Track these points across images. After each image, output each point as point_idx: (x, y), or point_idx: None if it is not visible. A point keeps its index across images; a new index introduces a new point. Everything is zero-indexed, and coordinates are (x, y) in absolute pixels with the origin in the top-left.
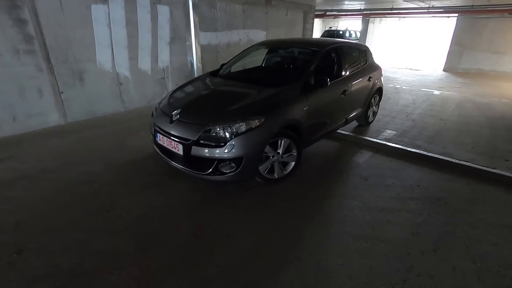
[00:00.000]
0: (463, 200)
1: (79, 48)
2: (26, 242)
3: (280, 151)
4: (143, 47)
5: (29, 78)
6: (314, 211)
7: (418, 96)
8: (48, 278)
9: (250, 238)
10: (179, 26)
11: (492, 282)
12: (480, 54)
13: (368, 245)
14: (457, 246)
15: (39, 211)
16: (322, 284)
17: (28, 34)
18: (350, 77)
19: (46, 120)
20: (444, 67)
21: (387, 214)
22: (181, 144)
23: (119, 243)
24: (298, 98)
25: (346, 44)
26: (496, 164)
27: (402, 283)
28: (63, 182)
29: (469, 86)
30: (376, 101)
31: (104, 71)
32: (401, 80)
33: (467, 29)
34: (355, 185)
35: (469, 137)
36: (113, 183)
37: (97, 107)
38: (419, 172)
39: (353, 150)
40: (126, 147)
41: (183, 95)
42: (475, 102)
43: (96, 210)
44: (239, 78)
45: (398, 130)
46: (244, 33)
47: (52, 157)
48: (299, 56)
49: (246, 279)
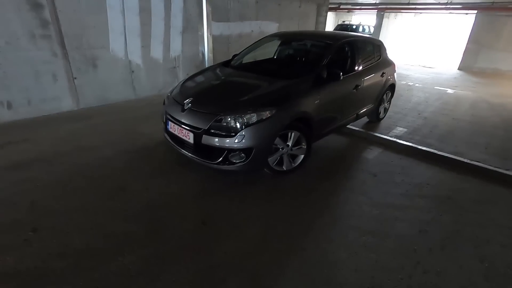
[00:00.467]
0: (473, 200)
1: (93, 35)
2: (41, 221)
3: (289, 144)
4: (156, 36)
5: (44, 63)
6: (321, 205)
7: (431, 94)
8: (62, 256)
9: (257, 227)
10: (192, 16)
11: (499, 283)
12: (498, 54)
13: (375, 240)
14: (465, 245)
15: (53, 192)
16: (327, 275)
17: (44, 19)
18: (363, 72)
19: (59, 105)
20: (459, 65)
21: (395, 210)
22: (192, 133)
23: (130, 226)
24: (310, 91)
25: (360, 38)
26: (509, 165)
27: (408, 278)
28: (76, 165)
29: (485, 86)
30: (388, 97)
31: (116, 58)
32: (414, 77)
33: (486, 27)
34: (363, 181)
35: (482, 137)
36: (124, 169)
37: (109, 94)
38: (429, 171)
39: (363, 146)
40: (137, 134)
41: (195, 84)
42: (490, 103)
43: (108, 194)
44: (251, 69)
45: (409, 127)
46: (256, 25)
47: (65, 141)
48: (312, 49)
49: (253, 267)
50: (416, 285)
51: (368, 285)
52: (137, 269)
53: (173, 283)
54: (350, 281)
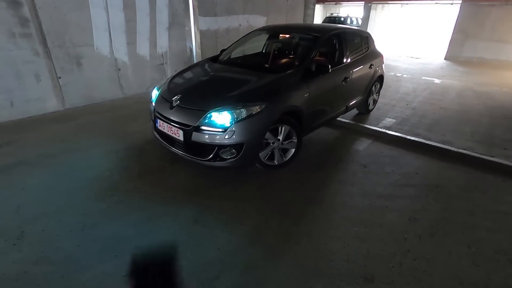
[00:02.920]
0: (460, 187)
1: (76, 32)
2: (29, 225)
3: (280, 138)
4: (142, 32)
5: (25, 62)
6: (313, 197)
7: (418, 85)
8: (53, 258)
9: (250, 222)
10: (178, 11)
11: (486, 266)
12: (483, 43)
13: (366, 230)
14: (453, 231)
15: (40, 195)
16: (321, 267)
17: (24, 16)
18: (351, 64)
19: (44, 106)
20: (446, 55)
21: (386, 200)
22: (181, 130)
23: (120, 227)
24: (299, 85)
25: (348, 30)
26: (494, 152)
27: (399, 266)
28: (63, 167)
29: (470, 75)
30: (377, 89)
31: (102, 56)
32: (402, 68)
33: (470, 17)
34: (354, 172)
35: (468, 125)
36: (113, 169)
37: (95, 93)
38: (418, 160)
39: (353, 138)
40: (125, 133)
41: (183, 81)
42: (476, 91)
43: (97, 195)
44: (239, 64)
45: (398, 118)
46: (244, 19)
47: (51, 142)
48: (300, 42)
49: (247, 262)
50: (407, 272)
51: (360, 275)
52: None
53: None
54: (342, 272)
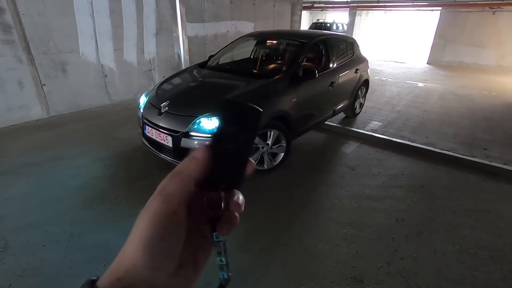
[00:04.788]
0: (444, 187)
1: (61, 39)
2: (13, 237)
3: (269, 142)
4: (129, 38)
5: (8, 69)
6: (303, 200)
7: (403, 88)
8: (38, 270)
9: (240, 227)
10: (165, 17)
11: (469, 262)
12: (462, 48)
13: (355, 231)
14: (438, 230)
15: (24, 205)
16: (311, 269)
17: (6, 23)
18: (337, 69)
19: (28, 114)
20: (428, 60)
21: (373, 201)
22: (170, 136)
23: (109, 235)
24: (287, 90)
25: (333, 36)
26: (475, 153)
27: (387, 266)
28: (49, 175)
29: (452, 78)
30: (363, 93)
31: (88, 62)
32: (386, 72)
33: (450, 23)
34: (342, 175)
35: (450, 127)
36: (101, 176)
37: (81, 99)
38: (403, 162)
39: (341, 141)
40: (113, 140)
41: (172, 87)
42: (457, 94)
43: (84, 204)
44: (228, 69)
45: (383, 121)
46: (232, 25)
47: (37, 151)
48: (288, 48)
49: (238, 266)
50: (395, 271)
51: (349, 276)
52: None
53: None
54: (332, 273)
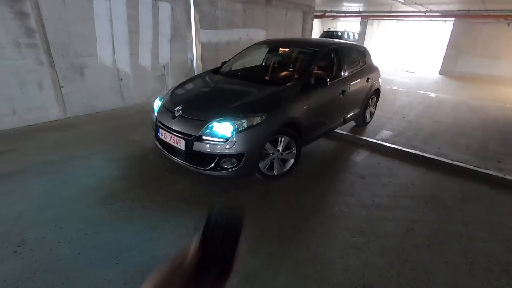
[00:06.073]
0: (456, 198)
1: (80, 43)
2: (30, 232)
3: (280, 148)
4: (144, 44)
5: (29, 71)
6: (312, 207)
7: (414, 98)
8: (54, 266)
9: (250, 231)
10: (180, 24)
11: (482, 276)
12: (475, 59)
13: (364, 240)
14: (449, 242)
15: (41, 202)
16: (319, 276)
17: (30, 27)
18: (349, 77)
19: (46, 114)
20: (440, 70)
21: (383, 211)
22: (183, 140)
23: (121, 234)
24: (299, 97)
25: (345, 45)
26: (488, 165)
27: (397, 276)
28: (64, 174)
29: (464, 89)
30: (374, 102)
31: (104, 66)
32: (397, 82)
33: (463, 34)
34: (352, 183)
35: (463, 138)
36: (114, 177)
37: (97, 102)
38: (414, 172)
39: (351, 149)
40: (126, 142)
41: (186, 92)
42: (470, 105)
43: (98, 202)
44: (240, 76)
45: (394, 130)
46: (244, 32)
47: (53, 150)
48: (300, 56)
49: (247, 270)
50: (405, 282)
51: (358, 284)
52: (130, 278)
53: None
54: (341, 281)
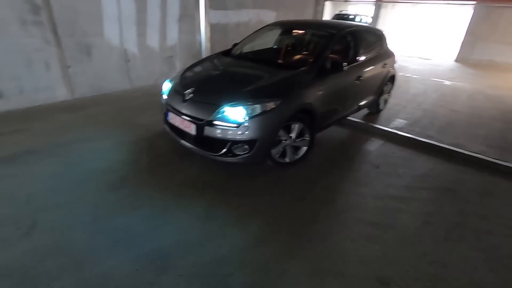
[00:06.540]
0: (474, 191)
1: (86, 22)
2: (40, 215)
3: (293, 135)
4: (152, 24)
5: (36, 50)
6: (325, 196)
7: (428, 86)
8: (65, 249)
9: (261, 220)
10: (188, 3)
11: (503, 273)
12: (494, 46)
13: (380, 232)
14: (468, 236)
15: (50, 185)
16: (334, 268)
17: (35, 4)
18: (365, 62)
19: (53, 95)
20: (456, 57)
21: (399, 202)
22: (194, 124)
23: (131, 220)
24: (313, 82)
25: (362, 28)
26: (507, 157)
27: (414, 270)
28: (73, 157)
29: (481, 77)
30: (389, 88)
31: (111, 46)
32: (411, 68)
33: (483, 19)
34: (366, 173)
35: (480, 129)
36: (123, 161)
37: (104, 83)
38: (430, 162)
39: (364, 138)
40: (134, 125)
41: (196, 74)
42: (487, 94)
43: (108, 187)
44: (252, 59)
45: (409, 119)
46: (254, 13)
47: (61, 132)
48: (315, 39)
49: (260, 260)
50: (424, 277)
51: (374, 277)
52: (142, 264)
53: (179, 277)
54: (356, 273)
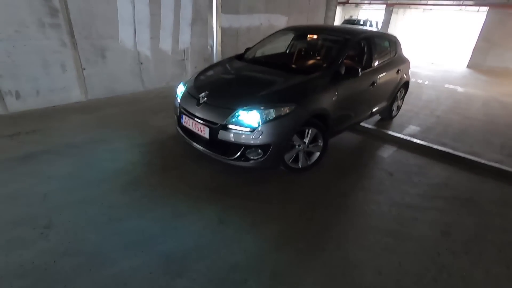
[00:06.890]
0: (493, 202)
1: (102, 24)
2: (55, 215)
3: (306, 141)
4: (165, 27)
5: (53, 52)
6: (339, 203)
7: (441, 92)
8: (80, 250)
9: (275, 226)
10: (201, 7)
11: None
12: (508, 52)
13: (396, 241)
14: (489, 249)
15: (66, 185)
16: (350, 278)
17: (53, 7)
18: (379, 68)
19: (68, 96)
20: (468, 63)
21: (415, 211)
22: (208, 128)
23: (145, 222)
24: (328, 87)
25: (377, 34)
26: None
27: (434, 282)
28: (87, 157)
29: (495, 85)
30: (402, 95)
31: (125, 49)
32: (423, 74)
33: (497, 25)
34: (380, 180)
35: (496, 137)
36: (136, 162)
37: (117, 85)
38: (446, 171)
39: (377, 144)
40: (148, 127)
41: (210, 78)
42: (502, 102)
43: (121, 188)
44: (266, 63)
45: (422, 126)
46: (266, 18)
47: (76, 132)
48: (329, 44)
49: (274, 267)
50: None
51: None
52: (156, 267)
53: (193, 282)
54: (375, 285)
